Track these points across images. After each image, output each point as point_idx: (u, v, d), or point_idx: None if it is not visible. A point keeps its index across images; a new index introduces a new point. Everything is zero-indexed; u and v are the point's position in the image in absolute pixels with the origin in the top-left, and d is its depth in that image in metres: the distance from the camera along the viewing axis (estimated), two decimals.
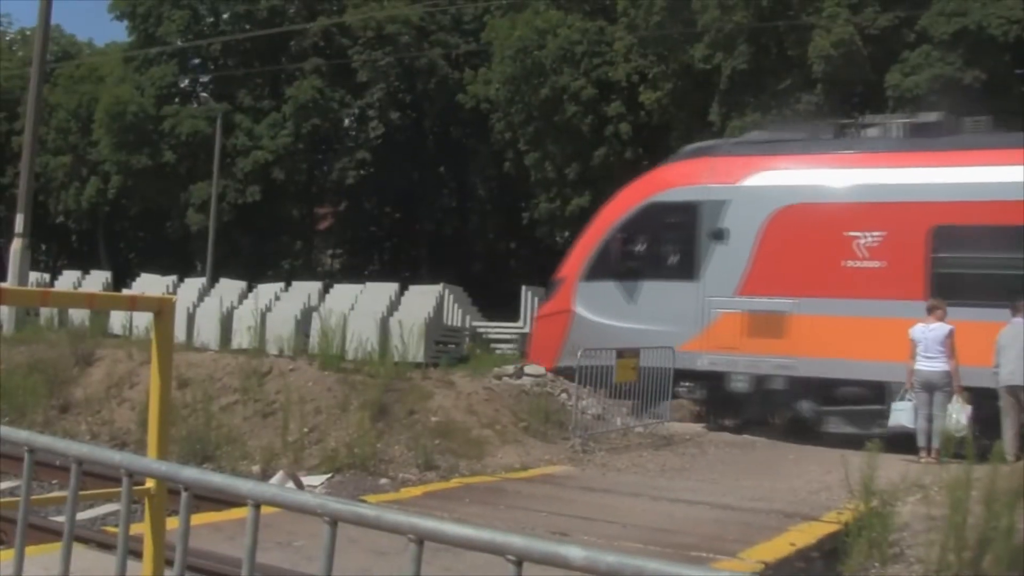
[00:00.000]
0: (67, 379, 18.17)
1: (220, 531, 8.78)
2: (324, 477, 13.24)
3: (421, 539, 2.36)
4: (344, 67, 49.69)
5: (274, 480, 12.03)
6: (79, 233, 60.61)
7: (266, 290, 34.33)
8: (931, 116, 19.03)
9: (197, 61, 56.19)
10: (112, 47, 63.72)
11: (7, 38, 73.23)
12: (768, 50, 36.31)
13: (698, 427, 18.43)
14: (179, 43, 52.63)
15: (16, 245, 23.57)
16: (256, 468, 14.24)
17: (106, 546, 8.19)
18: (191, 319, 30.80)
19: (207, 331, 28.68)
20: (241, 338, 25.56)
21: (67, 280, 39.12)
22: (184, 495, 2.76)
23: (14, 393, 17.97)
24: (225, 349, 20.96)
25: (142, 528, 4.29)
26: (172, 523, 4.55)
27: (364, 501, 9.08)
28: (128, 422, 16.77)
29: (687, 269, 18.92)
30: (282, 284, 35.95)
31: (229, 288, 35.21)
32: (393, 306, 31.05)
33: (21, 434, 3.28)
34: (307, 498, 2.53)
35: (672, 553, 8.87)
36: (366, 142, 51.52)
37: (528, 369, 18.75)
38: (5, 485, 12.04)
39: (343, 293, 33.38)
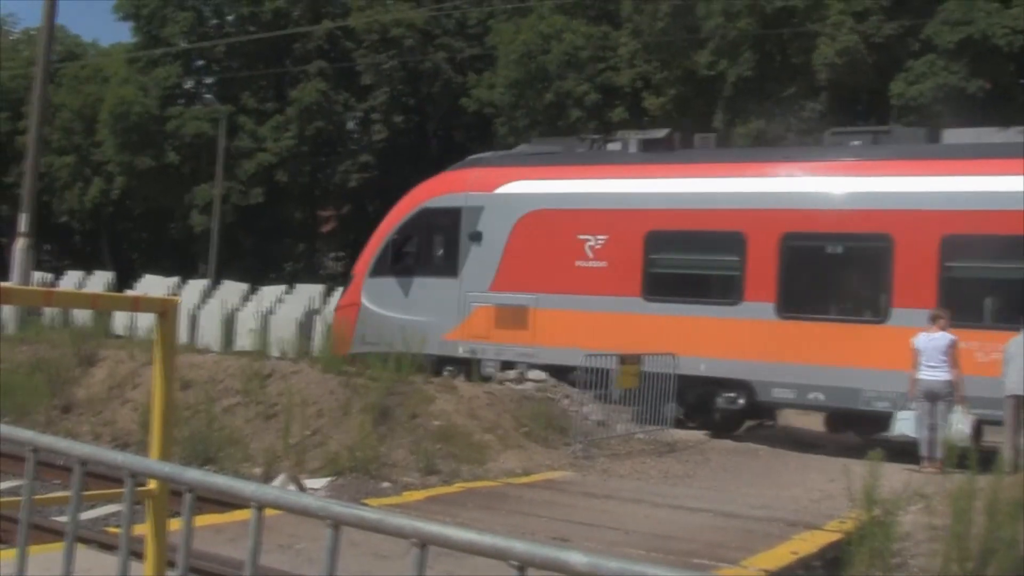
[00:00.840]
0: (69, 379, 18.16)
1: (222, 533, 8.78)
2: (326, 480, 13.23)
3: (424, 543, 2.35)
4: (348, 70, 49.72)
5: (276, 483, 12.02)
6: (82, 233, 60.66)
7: (269, 292, 34.38)
8: (659, 133, 21.57)
9: (201, 63, 56.24)
10: (117, 48, 63.78)
11: (12, 38, 73.38)
12: (772, 57, 36.36)
13: (701, 434, 18.42)
14: (183, 44, 52.67)
15: (19, 244, 23.57)
16: (258, 471, 14.22)
17: (108, 546, 8.18)
18: (194, 321, 30.82)
19: (209, 333, 28.71)
20: (243, 340, 25.57)
21: (70, 280, 39.14)
22: (187, 496, 2.75)
23: (16, 393, 17.96)
24: (227, 351, 20.93)
25: (144, 529, 4.27)
26: (174, 524, 4.55)
27: (366, 505, 9.06)
28: (130, 423, 16.76)
29: (451, 267, 21.19)
30: (285, 286, 35.97)
31: (232, 290, 35.25)
32: None
33: (24, 434, 3.27)
34: (310, 501, 2.53)
35: (674, 560, 8.86)
36: (370, 145, 51.54)
37: (531, 374, 18.76)
38: (7, 485, 12.03)
39: None
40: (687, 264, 19.60)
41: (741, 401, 18.26)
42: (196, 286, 36.75)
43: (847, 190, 18.01)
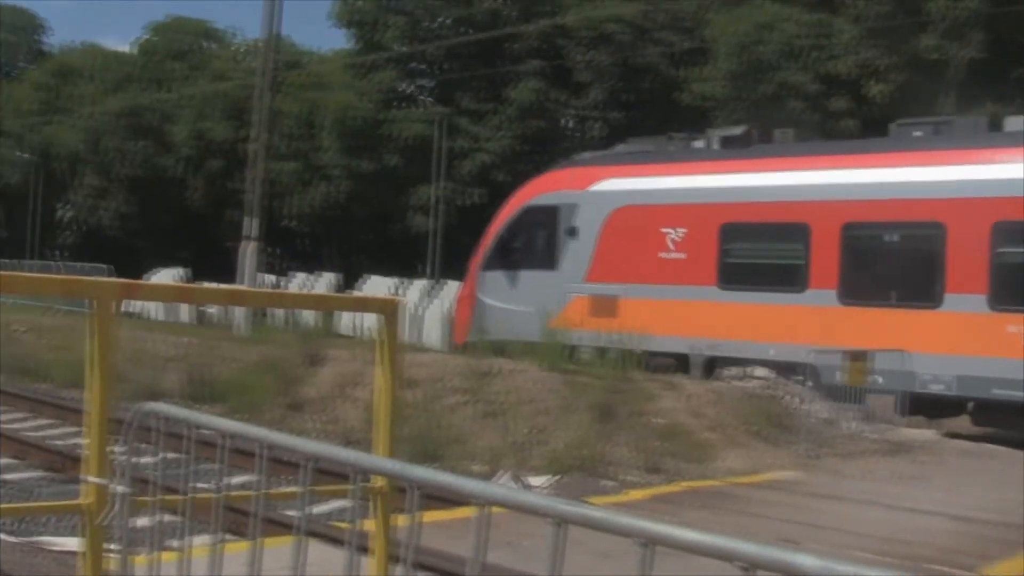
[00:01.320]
0: (297, 378, 18.74)
1: (446, 529, 8.88)
2: (548, 478, 13.27)
3: (649, 543, 2.29)
4: (563, 68, 49.88)
5: (498, 480, 12.12)
6: (307, 236, 62.62)
7: None
8: (737, 130, 23.14)
9: (418, 66, 57.29)
10: (335, 55, 65.76)
11: (237, 49, 76.46)
12: (1007, 37, 34.75)
13: (932, 433, 17.78)
14: (400, 48, 53.77)
15: (248, 248, 24.48)
16: (481, 468, 14.39)
17: (335, 541, 8.38)
18: (417, 320, 31.43)
19: (433, 332, 29.21)
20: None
21: (296, 282, 40.49)
22: (413, 493, 2.76)
23: (248, 391, 18.68)
24: (450, 350, 21.27)
25: (370, 525, 4.34)
26: (399, 520, 4.61)
27: (590, 503, 9.05)
28: (356, 421, 17.18)
29: (551, 260, 22.99)
30: None
31: (454, 290, 35.79)
32: None
33: (256, 431, 3.36)
34: (534, 498, 2.49)
35: (907, 565, 8.54)
36: (587, 143, 51.69)
37: (757, 372, 18.51)
38: (240, 479, 12.49)
39: None
40: (758, 254, 20.77)
41: (809, 384, 18.22)
42: (418, 286, 37.47)
43: (903, 180, 18.69)
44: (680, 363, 19.62)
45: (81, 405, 14.19)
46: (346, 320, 29.07)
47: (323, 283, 39.00)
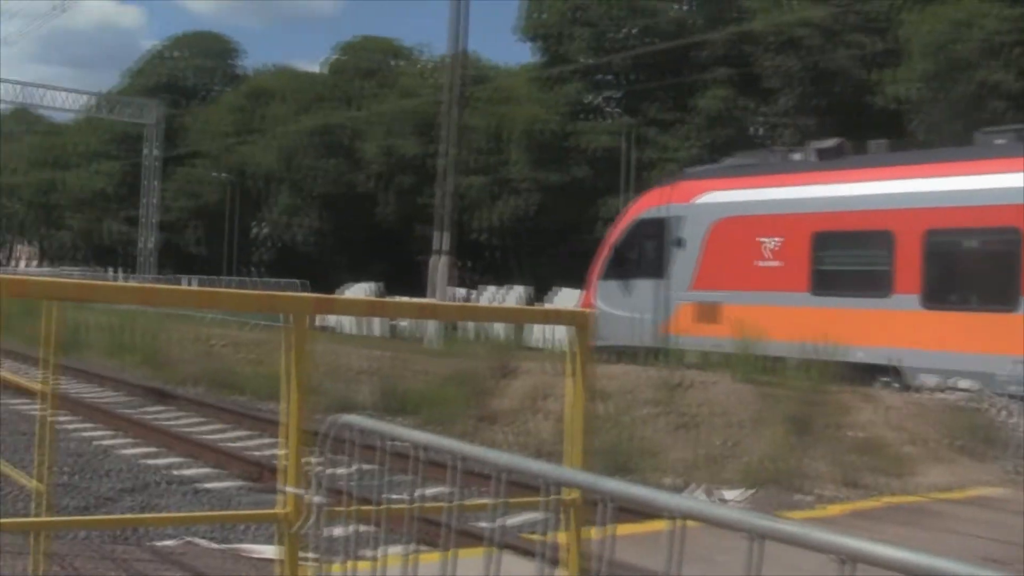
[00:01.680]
0: (489, 391, 18.90)
1: (638, 543, 8.80)
2: (742, 492, 13.06)
3: (848, 560, 2.20)
4: (752, 75, 49.20)
5: (691, 493, 11.98)
6: (496, 249, 63.24)
7: None
8: (831, 142, 23.42)
9: (604, 77, 57.27)
10: (522, 68, 66.32)
11: (425, 65, 77.80)
12: None
13: None
14: (586, 60, 53.86)
15: (439, 262, 24.85)
16: (673, 481, 14.25)
17: (527, 553, 8.40)
18: None
19: None
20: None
21: (487, 295, 40.91)
22: (605, 507, 2.73)
23: (441, 404, 18.92)
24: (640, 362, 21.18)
25: (562, 537, 4.33)
26: (591, 533, 4.58)
27: (785, 517, 8.86)
28: (548, 433, 17.22)
29: (660, 270, 24.02)
30: None
31: None
32: None
33: (450, 443, 3.38)
34: (728, 512, 2.43)
35: None
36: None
37: (961, 383, 17.89)
38: (432, 491, 12.66)
39: None
40: (846, 260, 21.33)
41: (896, 385, 18.82)
42: None
43: (981, 187, 18.93)
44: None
45: (277, 417, 14.55)
46: (536, 332, 29.22)
47: (513, 296, 39.32)
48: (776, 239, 21.49)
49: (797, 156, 23.56)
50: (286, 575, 4.08)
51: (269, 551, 7.99)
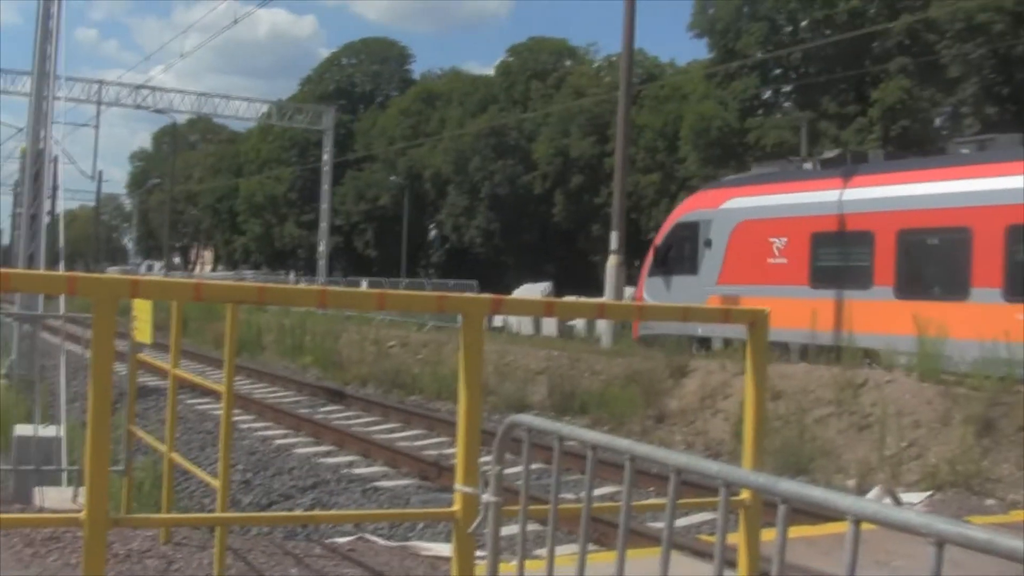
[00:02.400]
0: (662, 390, 18.80)
1: (815, 546, 8.64)
2: (924, 495, 12.70)
3: None
4: (933, 64, 47.74)
5: (871, 495, 11.69)
6: None
7: None
8: (832, 153, 28.28)
9: (778, 71, 56.47)
10: (693, 65, 65.88)
11: (595, 65, 77.88)
12: None
13: None
14: (759, 55, 53.18)
15: (612, 262, 24.87)
16: (851, 483, 13.94)
17: (699, 554, 8.32)
18: None
19: None
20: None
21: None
22: (781, 508, 2.66)
23: (613, 403, 18.90)
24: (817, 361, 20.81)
25: (735, 539, 4.25)
26: (766, 535, 4.49)
27: (971, 523, 8.57)
28: (721, 433, 17.05)
29: (694, 267, 26.66)
30: None
31: None
32: None
33: (622, 443, 3.35)
34: (911, 516, 2.34)
35: None
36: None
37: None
38: (604, 491, 12.61)
39: None
40: (838, 258, 23.51)
41: (874, 366, 19.24)
42: None
43: (942, 192, 21.46)
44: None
45: (449, 416, 14.76)
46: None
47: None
48: (783, 239, 24.14)
49: (808, 166, 26.38)
50: (459, 573, 4.10)
51: (442, 549, 8.08)
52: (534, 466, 3.83)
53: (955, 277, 20.85)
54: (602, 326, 25.97)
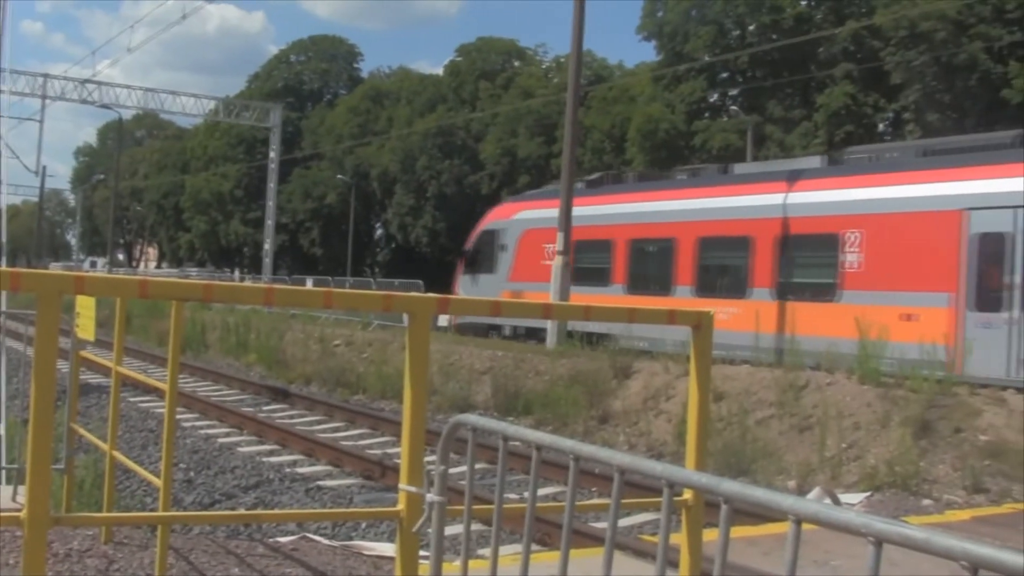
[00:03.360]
0: (606, 391, 18.86)
1: (755, 545, 8.72)
2: (862, 495, 12.84)
3: (975, 567, 2.14)
4: (876, 70, 48.29)
5: (810, 496, 11.80)
6: None
7: None
8: (594, 176, 33.98)
9: (725, 75, 56.88)
10: (642, 67, 66.16)
11: (543, 66, 78.03)
12: None
13: None
14: (707, 58, 53.53)
15: (557, 262, 24.92)
16: (792, 483, 14.07)
17: (641, 553, 8.36)
18: None
19: None
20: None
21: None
22: (724, 508, 2.69)
23: (557, 404, 18.94)
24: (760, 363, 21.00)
25: (677, 539, 4.29)
26: (708, 535, 4.53)
27: (907, 523, 8.68)
28: (664, 434, 17.14)
29: (492, 267, 32.97)
30: None
31: None
32: None
33: (567, 443, 3.36)
34: (851, 516, 2.38)
35: None
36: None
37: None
38: (548, 491, 12.64)
39: None
40: (592, 260, 28.71)
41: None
42: None
43: (657, 209, 27.25)
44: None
45: (393, 416, 14.72)
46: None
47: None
48: (553, 245, 26.91)
49: (579, 185, 30.23)
50: (403, 572, 4.10)
51: (385, 548, 8.07)
52: (478, 466, 3.84)
53: (663, 277, 26.62)
54: (550, 327, 25.91)
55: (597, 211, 28.83)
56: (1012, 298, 19.00)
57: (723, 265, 25.85)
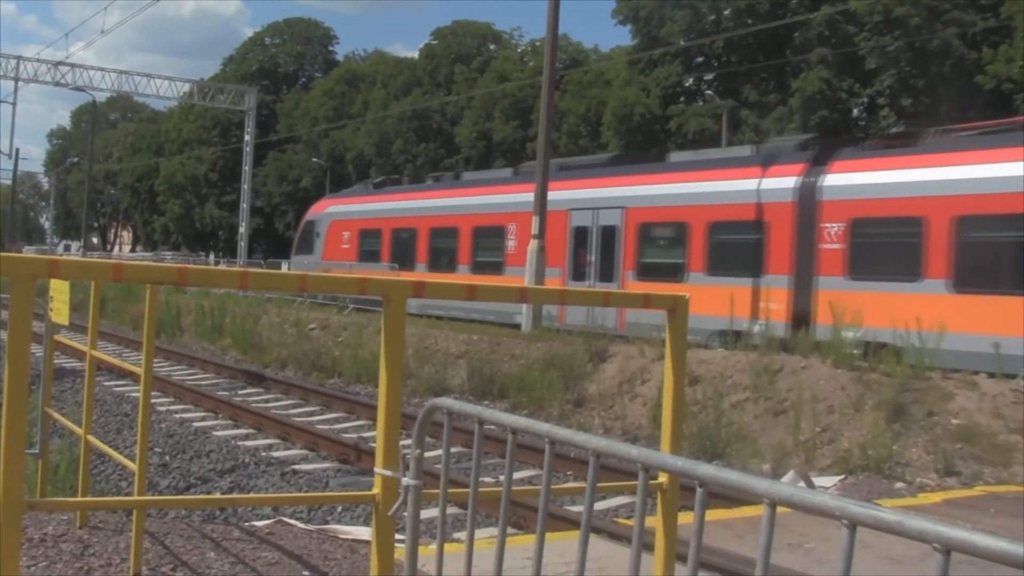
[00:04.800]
0: (581, 375, 18.89)
1: (729, 529, 8.76)
2: (836, 478, 12.91)
3: (948, 550, 2.16)
4: (851, 55, 48.38)
5: (785, 479, 11.87)
6: None
7: None
8: (380, 179, 44.94)
9: (701, 59, 56.91)
10: (617, 51, 66.14)
11: (519, 50, 77.92)
12: None
13: None
14: (682, 42, 53.53)
15: (532, 246, 24.82)
16: (766, 467, 14.14)
17: (616, 537, 8.39)
18: None
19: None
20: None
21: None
22: (699, 491, 2.71)
23: (532, 387, 18.96)
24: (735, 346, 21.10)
25: (653, 522, 4.30)
26: (682, 518, 4.56)
27: (882, 506, 8.74)
28: (639, 417, 17.18)
29: (311, 249, 40.65)
30: None
31: None
32: None
33: (542, 426, 3.36)
34: (825, 499, 2.40)
35: None
36: (877, 132, 49.99)
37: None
38: (523, 474, 12.66)
39: None
40: (371, 244, 37.24)
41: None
42: None
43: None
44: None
45: (368, 400, 14.66)
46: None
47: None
48: (347, 233, 38.16)
49: (371, 186, 41.70)
50: (379, 556, 4.11)
51: (361, 532, 8.07)
52: (453, 450, 3.84)
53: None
54: (525, 310, 25.81)
55: (372, 207, 37.93)
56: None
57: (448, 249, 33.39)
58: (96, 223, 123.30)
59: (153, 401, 9.82)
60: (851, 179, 21.28)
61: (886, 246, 20.49)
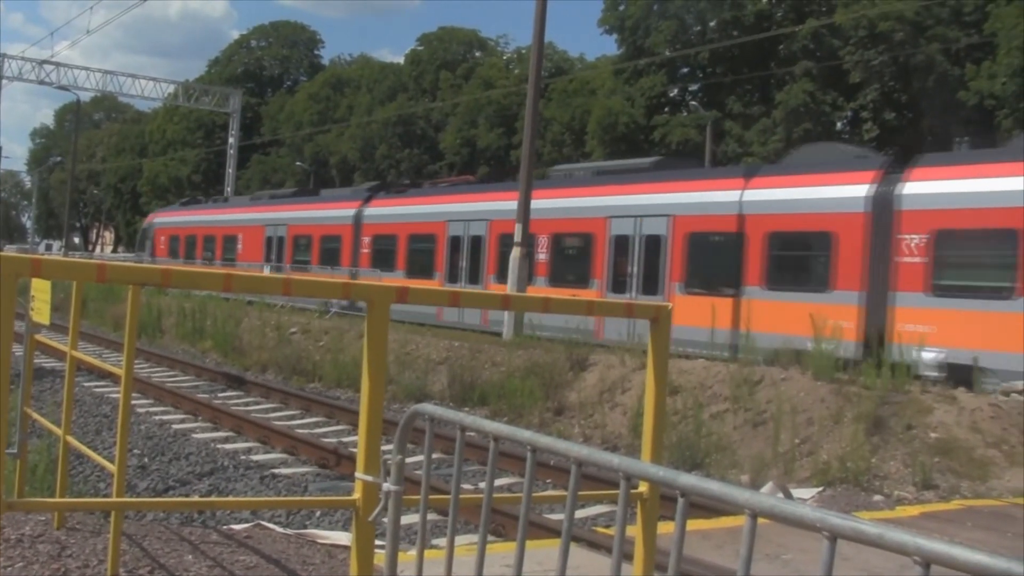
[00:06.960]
0: (562, 383, 18.89)
1: (708, 539, 8.77)
2: (815, 490, 12.94)
3: (928, 562, 2.17)
4: (835, 69, 48.58)
5: (763, 490, 11.88)
6: None
7: None
8: (221, 197, 60.49)
9: (686, 70, 57.03)
10: (602, 60, 66.21)
11: (505, 57, 78.00)
12: None
13: None
14: (667, 53, 53.63)
15: (515, 253, 24.78)
16: (745, 478, 14.16)
17: (595, 546, 8.38)
18: None
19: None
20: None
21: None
22: (680, 501, 2.71)
23: (513, 395, 18.95)
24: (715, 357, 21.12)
25: (633, 531, 4.31)
26: (662, 528, 4.56)
27: (860, 518, 8.75)
28: (619, 426, 17.19)
29: (145, 249, 52.55)
30: None
31: None
32: None
33: (524, 434, 3.36)
34: (806, 511, 2.40)
35: None
36: (860, 144, 50.15)
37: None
38: (503, 482, 12.64)
39: None
40: (187, 250, 48.51)
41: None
42: None
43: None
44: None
45: (348, 404, 14.59)
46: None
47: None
48: (164, 237, 49.00)
49: (214, 199, 52.21)
50: (359, 561, 4.10)
51: (340, 537, 8.05)
52: (433, 456, 3.84)
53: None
54: (506, 318, 25.76)
55: (198, 218, 48.50)
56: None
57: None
58: (78, 223, 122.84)
59: (133, 403, 9.75)
60: (934, 187, 20.01)
61: (974, 259, 19.43)
